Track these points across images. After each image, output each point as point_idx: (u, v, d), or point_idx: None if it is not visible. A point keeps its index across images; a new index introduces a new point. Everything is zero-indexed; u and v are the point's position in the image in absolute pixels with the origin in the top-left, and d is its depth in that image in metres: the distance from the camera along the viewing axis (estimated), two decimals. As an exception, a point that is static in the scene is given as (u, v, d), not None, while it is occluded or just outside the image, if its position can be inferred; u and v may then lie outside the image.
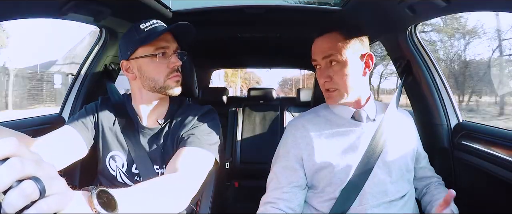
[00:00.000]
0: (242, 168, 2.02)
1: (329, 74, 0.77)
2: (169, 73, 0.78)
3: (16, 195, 0.27)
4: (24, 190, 0.28)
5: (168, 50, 0.78)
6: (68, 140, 0.77)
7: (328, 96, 0.80)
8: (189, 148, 0.74)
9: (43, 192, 0.29)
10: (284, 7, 1.20)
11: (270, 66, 3.43)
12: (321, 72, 0.79)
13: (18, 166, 0.28)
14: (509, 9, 0.71)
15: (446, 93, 1.07)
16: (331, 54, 0.76)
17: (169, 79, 0.78)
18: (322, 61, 0.78)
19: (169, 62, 0.78)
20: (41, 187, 0.29)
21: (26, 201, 0.28)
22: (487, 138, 0.90)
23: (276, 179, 0.79)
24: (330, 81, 0.77)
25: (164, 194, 0.55)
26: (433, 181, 0.88)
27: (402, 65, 1.12)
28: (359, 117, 0.82)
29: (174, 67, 0.78)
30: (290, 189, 0.77)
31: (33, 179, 0.29)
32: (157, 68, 0.78)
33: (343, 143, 0.79)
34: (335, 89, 0.78)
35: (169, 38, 0.79)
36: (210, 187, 0.89)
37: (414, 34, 1.07)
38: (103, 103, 0.88)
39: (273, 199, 0.76)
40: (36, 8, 0.82)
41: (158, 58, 0.77)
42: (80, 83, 1.16)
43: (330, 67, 0.77)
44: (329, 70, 0.77)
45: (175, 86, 0.79)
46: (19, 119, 1.01)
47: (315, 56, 0.80)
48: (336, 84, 0.77)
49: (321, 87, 0.82)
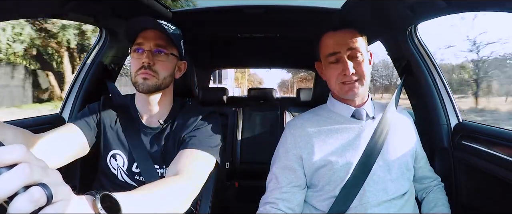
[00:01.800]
0: (242, 168, 2.02)
1: (353, 66, 0.78)
2: (138, 69, 0.78)
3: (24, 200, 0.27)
4: (32, 196, 0.28)
5: (144, 46, 0.79)
6: (70, 137, 0.77)
7: (350, 88, 0.79)
8: (190, 150, 0.74)
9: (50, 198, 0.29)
10: (284, 7, 1.20)
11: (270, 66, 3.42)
12: (343, 64, 0.78)
13: (27, 172, 0.28)
14: (509, 9, 0.71)
15: (446, 93, 1.07)
16: (356, 46, 0.78)
17: (138, 76, 0.78)
18: (346, 53, 0.78)
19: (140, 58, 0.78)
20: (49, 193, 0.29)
21: (34, 207, 0.28)
22: (487, 138, 0.90)
23: (276, 179, 0.80)
24: (355, 72, 0.78)
25: (166, 197, 0.56)
26: (431, 185, 0.87)
27: (402, 65, 1.12)
28: (359, 115, 0.82)
29: (143, 64, 0.77)
30: (289, 189, 0.78)
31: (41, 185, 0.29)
32: (132, 64, 0.80)
33: (343, 140, 0.79)
34: (357, 79, 0.79)
35: (148, 35, 0.79)
36: (210, 187, 0.89)
37: (414, 34, 1.07)
38: (106, 102, 0.89)
39: (273, 199, 0.77)
40: (36, 8, 0.82)
41: (135, 54, 0.79)
42: (80, 83, 1.16)
43: (353, 59, 0.78)
44: (353, 62, 0.78)
45: (141, 82, 0.78)
46: (19, 119, 1.00)
47: (337, 48, 0.79)
48: (359, 75, 0.79)
49: (335, 81, 0.80)
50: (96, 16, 0.97)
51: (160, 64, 0.79)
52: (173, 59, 0.84)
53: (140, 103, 0.86)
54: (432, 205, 0.83)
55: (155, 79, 0.79)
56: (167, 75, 0.82)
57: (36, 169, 0.29)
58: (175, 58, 0.84)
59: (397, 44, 1.12)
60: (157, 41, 0.79)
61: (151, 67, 0.78)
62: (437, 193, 0.86)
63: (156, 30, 0.80)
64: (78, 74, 1.18)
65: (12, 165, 0.28)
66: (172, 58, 0.83)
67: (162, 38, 0.80)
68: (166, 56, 0.81)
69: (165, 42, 0.81)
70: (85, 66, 1.18)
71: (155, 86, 0.79)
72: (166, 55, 0.81)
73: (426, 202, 0.85)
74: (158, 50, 0.79)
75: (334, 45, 0.80)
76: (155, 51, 0.79)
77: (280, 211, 0.75)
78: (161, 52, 0.80)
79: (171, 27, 0.82)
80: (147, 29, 0.80)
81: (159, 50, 0.79)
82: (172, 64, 0.83)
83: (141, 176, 0.80)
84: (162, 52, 0.80)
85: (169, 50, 0.81)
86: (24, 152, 0.29)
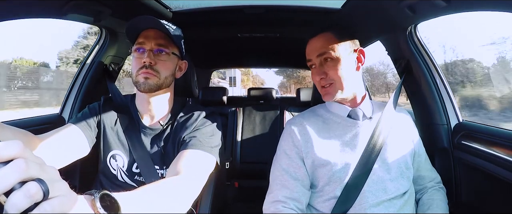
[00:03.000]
0: (242, 168, 2.02)
1: (324, 71, 0.80)
2: (140, 69, 0.78)
3: (20, 196, 0.27)
4: (28, 191, 0.28)
5: (145, 46, 0.79)
6: (71, 138, 0.77)
7: (325, 93, 0.82)
8: (191, 150, 0.74)
9: (47, 193, 0.29)
10: (284, 7, 1.20)
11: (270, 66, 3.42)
12: (316, 70, 0.82)
13: (23, 167, 0.28)
14: (509, 9, 0.71)
15: (446, 93, 1.07)
16: (325, 51, 0.79)
17: (139, 75, 0.78)
18: (316, 60, 0.81)
19: (141, 58, 0.78)
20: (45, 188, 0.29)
21: (30, 202, 0.28)
22: (487, 138, 0.90)
23: (281, 178, 0.79)
24: (326, 77, 0.80)
25: (166, 197, 0.55)
26: (427, 187, 0.86)
27: (402, 65, 1.12)
28: (355, 115, 0.83)
29: (144, 63, 0.78)
30: (298, 189, 0.77)
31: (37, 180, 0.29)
32: (134, 64, 0.80)
33: (341, 141, 0.79)
34: (331, 84, 0.80)
35: (149, 35, 0.79)
36: (210, 187, 0.89)
37: (414, 34, 1.07)
38: (106, 103, 0.89)
39: (283, 198, 0.75)
40: (36, 8, 0.82)
41: (136, 54, 0.79)
42: (80, 83, 1.16)
43: (324, 64, 0.80)
44: (323, 67, 0.80)
45: (142, 82, 0.78)
46: (19, 119, 1.00)
47: (309, 56, 0.83)
48: (331, 80, 0.79)
49: (317, 86, 0.84)
50: (96, 16, 0.97)
51: (161, 64, 0.79)
52: (174, 59, 0.84)
53: (140, 103, 0.86)
54: (426, 207, 0.82)
55: (156, 78, 0.78)
56: (168, 74, 0.82)
57: (32, 165, 0.29)
58: (176, 57, 0.84)
59: (397, 44, 1.12)
60: (158, 41, 0.79)
61: (152, 66, 0.78)
62: (432, 195, 0.84)
63: (157, 30, 0.80)
64: (78, 74, 1.18)
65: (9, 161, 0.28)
66: (173, 57, 0.83)
67: (163, 37, 0.80)
68: (167, 56, 0.81)
69: (166, 42, 0.81)
70: (85, 66, 1.18)
71: (157, 86, 0.79)
72: (167, 55, 0.81)
73: (421, 204, 0.84)
74: (159, 49, 0.79)
75: (308, 52, 0.84)
76: (156, 51, 0.79)
77: (293, 211, 0.73)
78: (162, 52, 0.80)
79: (172, 27, 0.82)
80: (148, 29, 0.80)
81: (161, 49, 0.79)
82: (173, 64, 0.83)
83: (141, 177, 0.80)
84: (163, 52, 0.80)
85: (170, 49, 0.81)
86: (20, 148, 0.29)
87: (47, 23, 27.66)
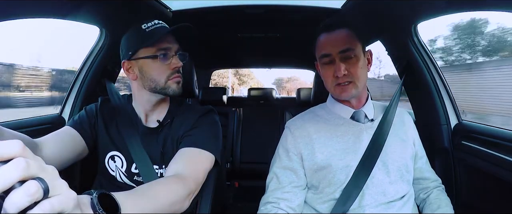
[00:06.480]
0: (242, 168, 2.02)
1: (346, 67, 0.77)
2: (171, 74, 0.78)
3: (19, 194, 0.27)
4: (28, 190, 0.28)
5: (170, 51, 0.78)
6: (69, 140, 0.77)
7: (343, 90, 0.78)
8: (189, 148, 0.74)
9: (46, 192, 0.29)
10: (284, 7, 1.20)
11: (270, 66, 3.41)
12: (338, 65, 0.77)
13: (22, 166, 0.28)
14: (509, 8, 0.71)
15: (446, 93, 1.07)
16: (349, 48, 0.77)
17: (170, 80, 0.78)
18: (338, 55, 0.77)
19: (171, 63, 0.78)
20: (45, 187, 0.29)
21: (30, 201, 0.28)
22: (487, 138, 0.90)
23: (276, 179, 0.79)
24: (347, 74, 0.77)
25: (165, 196, 0.55)
26: (431, 187, 0.85)
27: (402, 65, 1.12)
28: (359, 117, 0.82)
29: (175, 68, 0.78)
30: (290, 189, 0.77)
31: (37, 179, 0.29)
32: (158, 69, 0.78)
33: (343, 143, 0.79)
34: (351, 82, 0.77)
35: (170, 39, 0.79)
36: (210, 187, 0.89)
37: (415, 34, 1.06)
38: (103, 104, 0.88)
39: (274, 199, 0.77)
40: (36, 8, 0.82)
41: (160, 59, 0.77)
42: (80, 83, 1.16)
43: (346, 61, 0.77)
44: (346, 64, 0.77)
45: (176, 87, 0.79)
46: (19, 119, 1.00)
47: (329, 50, 0.78)
48: (352, 77, 0.77)
49: (331, 83, 0.80)
50: (96, 16, 0.97)
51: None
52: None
53: (141, 104, 0.85)
54: (435, 206, 0.81)
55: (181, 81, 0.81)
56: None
57: (32, 164, 0.29)
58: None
59: (397, 44, 1.12)
60: (178, 45, 0.81)
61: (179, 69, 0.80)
62: (439, 195, 0.83)
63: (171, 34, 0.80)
64: (78, 74, 1.18)
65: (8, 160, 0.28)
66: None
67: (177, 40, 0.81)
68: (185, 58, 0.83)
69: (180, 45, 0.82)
70: (85, 66, 1.17)
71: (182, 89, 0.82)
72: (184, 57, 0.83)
73: (429, 203, 0.83)
74: (182, 54, 0.81)
75: (326, 46, 0.79)
76: (180, 54, 0.80)
77: (282, 211, 0.75)
78: (185, 56, 0.82)
79: None
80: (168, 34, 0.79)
81: (184, 54, 0.81)
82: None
83: (140, 177, 0.80)
84: (186, 56, 0.82)
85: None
86: (20, 147, 0.29)
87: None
